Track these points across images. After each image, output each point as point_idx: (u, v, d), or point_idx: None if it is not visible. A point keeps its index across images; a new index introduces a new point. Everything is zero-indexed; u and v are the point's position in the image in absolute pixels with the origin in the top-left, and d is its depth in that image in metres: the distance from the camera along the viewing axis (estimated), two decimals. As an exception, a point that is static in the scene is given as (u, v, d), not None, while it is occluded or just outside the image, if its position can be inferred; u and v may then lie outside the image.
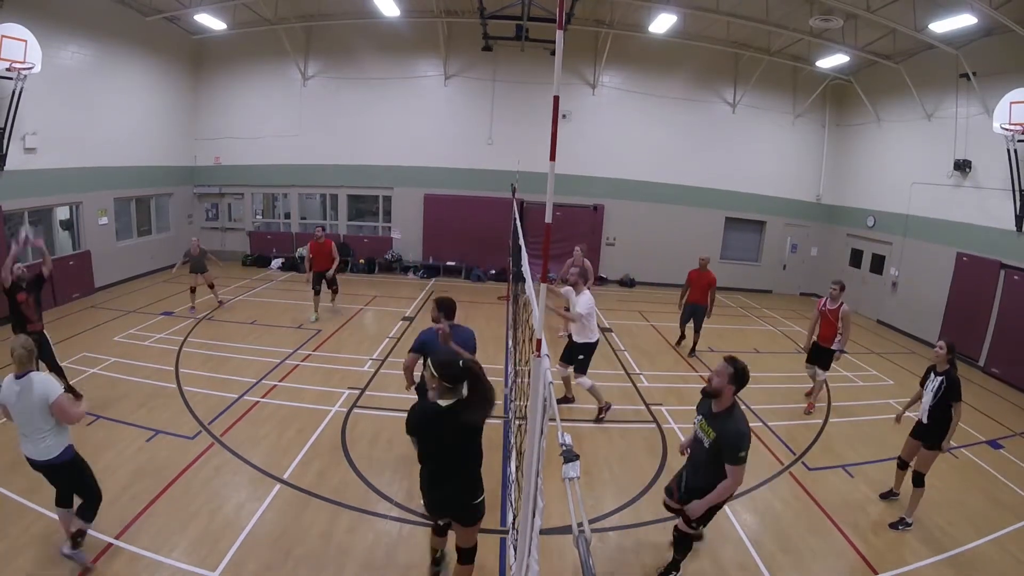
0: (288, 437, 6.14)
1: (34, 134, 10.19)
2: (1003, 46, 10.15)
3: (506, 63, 14.77)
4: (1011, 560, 4.88)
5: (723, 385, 3.75)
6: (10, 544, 4.23)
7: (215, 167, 15.71)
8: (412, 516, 4.90)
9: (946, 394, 4.97)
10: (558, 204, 14.30)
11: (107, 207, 12.38)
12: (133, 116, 13.05)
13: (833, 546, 4.93)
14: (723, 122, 15.45)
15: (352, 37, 14.71)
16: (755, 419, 7.41)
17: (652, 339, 10.87)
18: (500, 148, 15.04)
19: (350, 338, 9.72)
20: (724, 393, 3.77)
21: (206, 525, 4.60)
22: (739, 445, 3.64)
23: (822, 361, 7.65)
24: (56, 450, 3.91)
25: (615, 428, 6.89)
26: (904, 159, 13.05)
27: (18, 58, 9.11)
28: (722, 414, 3.81)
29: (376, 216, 16.27)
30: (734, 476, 3.68)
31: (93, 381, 7.29)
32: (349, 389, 7.47)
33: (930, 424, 5.10)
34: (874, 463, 6.44)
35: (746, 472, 3.73)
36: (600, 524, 5.01)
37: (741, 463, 3.66)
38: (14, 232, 7.89)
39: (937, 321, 11.74)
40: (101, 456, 5.49)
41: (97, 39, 11.66)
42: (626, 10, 13.19)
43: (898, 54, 12.38)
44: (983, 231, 10.87)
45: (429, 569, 4.19)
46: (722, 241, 16.01)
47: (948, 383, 4.98)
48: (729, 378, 3.74)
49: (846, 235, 15.14)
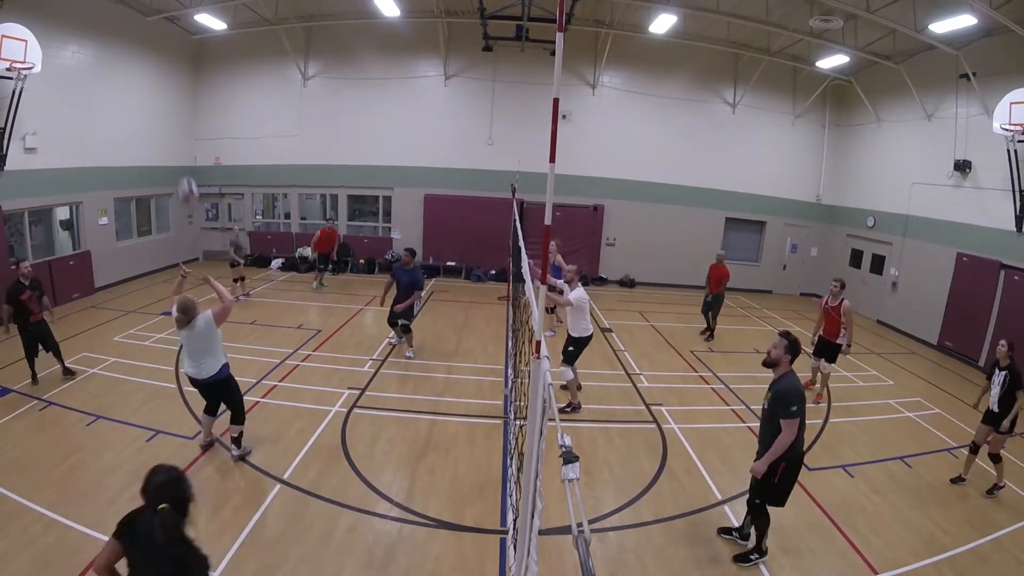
0: (288, 437, 6.14)
1: (34, 134, 10.19)
2: (1003, 46, 10.16)
3: (506, 63, 14.78)
4: (1011, 560, 4.88)
5: (780, 355, 4.28)
6: (10, 544, 4.23)
7: (215, 167, 15.71)
8: (412, 516, 4.90)
9: (1011, 385, 5.70)
10: (558, 204, 14.31)
11: (107, 207, 12.38)
12: (133, 116, 13.05)
13: (833, 546, 4.93)
14: (723, 122, 15.46)
15: (352, 37, 14.71)
16: (755, 419, 7.42)
17: (652, 339, 10.87)
18: (500, 148, 15.05)
19: (350, 338, 9.72)
20: (781, 362, 4.29)
21: (206, 525, 4.60)
22: (789, 400, 4.08)
23: (828, 355, 8.05)
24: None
25: (615, 428, 6.89)
26: (904, 159, 13.05)
27: (18, 58, 9.11)
28: (779, 379, 4.30)
29: (376, 216, 16.28)
30: (788, 429, 4.08)
31: (93, 381, 7.30)
32: (349, 389, 7.47)
33: (999, 411, 5.79)
34: (874, 463, 6.44)
35: (746, 472, 4.07)
36: (600, 524, 5.00)
37: (792, 416, 4.06)
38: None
39: (937, 321, 11.75)
40: (101, 456, 5.51)
41: (97, 39, 11.66)
42: (626, 10, 13.19)
43: (898, 54, 12.38)
44: (983, 231, 10.87)
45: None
46: (722, 241, 15.99)
47: (1011, 376, 5.73)
48: (785, 349, 4.27)
49: (846, 235, 15.15)
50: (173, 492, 2.49)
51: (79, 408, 6.49)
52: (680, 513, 5.24)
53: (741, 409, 7.74)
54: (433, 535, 4.70)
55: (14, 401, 6.60)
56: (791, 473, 4.32)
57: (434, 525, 4.82)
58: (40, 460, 5.39)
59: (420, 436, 6.36)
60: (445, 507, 5.07)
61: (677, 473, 5.94)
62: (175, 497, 2.47)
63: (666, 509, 5.29)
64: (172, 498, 2.45)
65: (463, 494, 5.29)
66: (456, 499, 5.20)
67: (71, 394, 6.87)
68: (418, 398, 7.40)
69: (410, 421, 6.71)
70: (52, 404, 6.57)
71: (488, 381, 8.09)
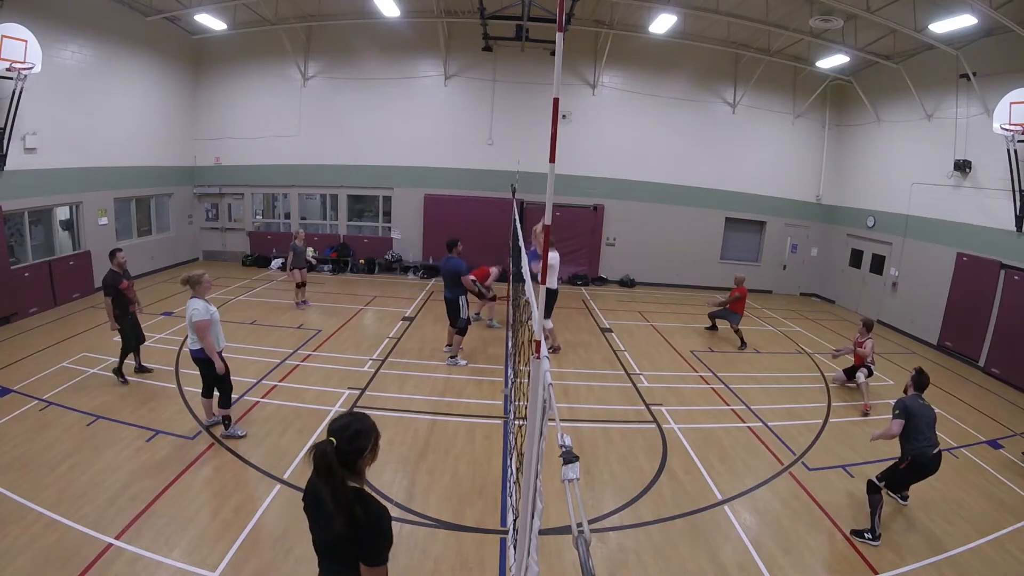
0: (288, 437, 6.14)
1: (34, 134, 10.19)
2: (1003, 46, 10.16)
3: (506, 63, 14.78)
4: (1011, 560, 4.89)
5: (908, 384, 5.48)
6: (10, 544, 4.23)
7: (215, 167, 15.71)
8: (412, 516, 4.90)
9: None
10: (558, 204, 14.32)
11: (107, 207, 12.38)
12: (133, 116, 13.05)
13: (833, 546, 4.93)
14: (723, 122, 15.46)
15: (352, 37, 14.71)
16: (755, 419, 7.42)
17: (652, 339, 10.86)
18: (500, 148, 15.05)
19: (350, 338, 9.72)
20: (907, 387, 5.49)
21: (206, 525, 4.60)
22: (894, 407, 5.23)
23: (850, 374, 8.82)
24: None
25: (615, 428, 6.89)
26: (904, 159, 13.05)
27: (18, 58, 9.11)
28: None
29: (376, 216, 16.27)
30: (892, 424, 5.15)
31: (93, 381, 7.30)
32: (349, 389, 7.47)
33: None
34: (874, 463, 6.43)
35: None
36: (600, 524, 5.00)
37: (895, 417, 5.14)
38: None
39: (937, 321, 11.75)
40: (101, 456, 5.51)
41: (97, 39, 11.66)
42: (626, 10, 13.19)
43: (898, 54, 12.38)
44: (983, 231, 10.87)
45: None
46: (722, 241, 16.02)
47: None
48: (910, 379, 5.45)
49: (846, 235, 15.14)
50: (343, 433, 2.33)
51: (79, 408, 6.49)
52: (680, 513, 5.24)
53: (741, 409, 7.73)
54: (433, 535, 4.69)
55: (14, 401, 6.60)
56: (913, 470, 5.07)
57: (434, 525, 4.82)
58: (40, 460, 5.39)
59: (420, 436, 6.36)
60: (445, 507, 5.07)
61: (677, 473, 5.94)
62: (343, 437, 2.32)
63: (666, 509, 5.29)
64: (340, 437, 2.31)
65: (463, 494, 5.29)
66: (456, 499, 5.20)
67: (71, 394, 6.86)
68: (418, 398, 7.40)
69: (410, 421, 6.71)
70: (52, 404, 6.56)
71: (488, 381, 8.09)
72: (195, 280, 5.65)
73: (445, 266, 8.54)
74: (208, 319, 5.57)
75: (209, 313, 5.61)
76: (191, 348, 5.74)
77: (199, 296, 5.67)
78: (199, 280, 5.66)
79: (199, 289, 5.66)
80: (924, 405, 5.21)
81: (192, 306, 5.59)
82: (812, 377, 9.33)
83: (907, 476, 5.15)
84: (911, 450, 5.04)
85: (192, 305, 5.60)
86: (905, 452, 5.09)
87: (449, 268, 8.46)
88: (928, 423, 5.09)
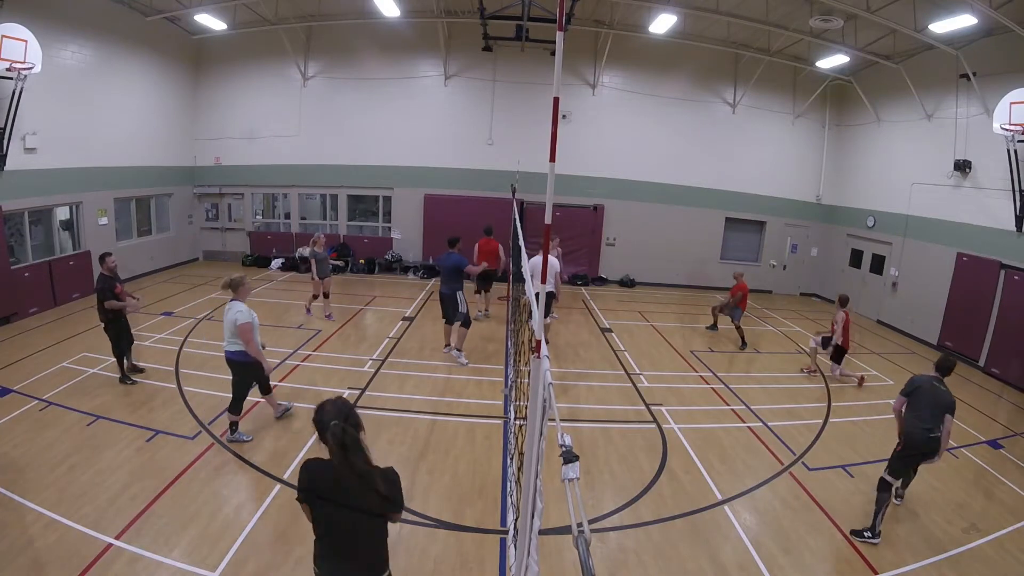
0: (288, 437, 6.14)
1: (34, 134, 10.19)
2: (1003, 46, 10.15)
3: (506, 63, 14.77)
4: (1011, 560, 4.89)
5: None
6: (10, 544, 4.23)
7: (215, 167, 15.71)
8: (412, 516, 4.90)
9: None
10: (558, 204, 14.31)
11: (107, 207, 12.38)
12: (133, 116, 13.05)
13: (833, 546, 4.93)
14: (723, 122, 15.46)
15: (352, 37, 14.71)
16: (755, 419, 7.42)
17: (652, 339, 10.86)
18: (500, 148, 15.04)
19: (350, 338, 9.72)
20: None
21: (206, 525, 4.60)
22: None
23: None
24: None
25: (615, 428, 6.89)
26: (904, 159, 13.05)
27: (18, 58, 9.11)
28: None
29: (376, 216, 16.27)
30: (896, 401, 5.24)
31: (93, 381, 7.30)
32: (349, 389, 7.47)
33: None
34: (874, 463, 6.42)
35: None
36: (600, 524, 5.00)
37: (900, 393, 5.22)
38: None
39: (937, 321, 11.75)
40: (101, 456, 5.51)
41: (97, 39, 11.66)
42: (626, 10, 13.19)
43: (898, 54, 12.38)
44: (983, 231, 10.87)
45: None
46: (722, 241, 16.01)
47: None
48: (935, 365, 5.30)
49: (846, 235, 15.14)
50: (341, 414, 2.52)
51: (79, 408, 6.49)
52: (680, 513, 5.24)
53: (741, 409, 7.73)
54: (433, 535, 4.69)
55: (14, 401, 6.60)
56: (905, 448, 5.03)
57: (434, 525, 4.82)
58: (40, 460, 5.39)
59: (420, 436, 6.36)
60: (445, 507, 5.07)
61: (677, 473, 5.94)
62: (344, 417, 2.51)
63: (666, 509, 5.29)
64: (342, 419, 2.50)
65: (463, 494, 5.29)
66: (456, 499, 5.20)
67: (71, 394, 6.86)
68: (418, 398, 7.40)
69: (410, 421, 6.71)
70: (52, 404, 6.56)
71: (488, 381, 8.09)
72: (237, 283, 5.72)
73: (445, 261, 8.62)
74: (250, 322, 5.63)
75: (251, 316, 5.68)
76: (228, 350, 5.73)
77: (240, 299, 5.73)
78: (241, 283, 5.75)
79: (241, 292, 5.74)
80: (936, 386, 5.01)
81: (235, 308, 5.65)
82: (812, 377, 9.34)
83: (904, 458, 5.07)
84: (906, 427, 5.03)
85: (235, 308, 5.65)
86: (901, 431, 5.11)
87: (450, 263, 8.55)
88: (929, 403, 4.93)
